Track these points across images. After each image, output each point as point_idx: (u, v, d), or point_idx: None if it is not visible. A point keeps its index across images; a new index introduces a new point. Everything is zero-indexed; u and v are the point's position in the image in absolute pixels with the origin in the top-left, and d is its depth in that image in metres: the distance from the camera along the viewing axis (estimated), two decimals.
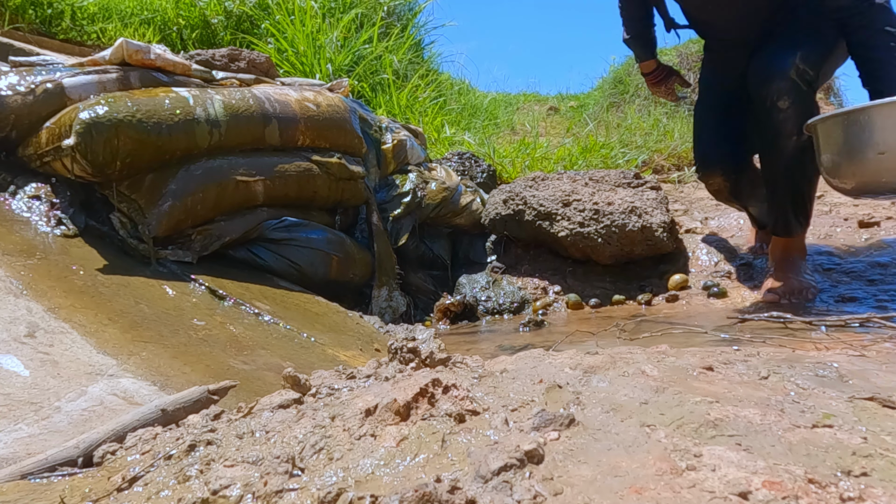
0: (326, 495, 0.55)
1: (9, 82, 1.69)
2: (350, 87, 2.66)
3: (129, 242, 1.66)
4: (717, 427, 0.60)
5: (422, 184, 2.44)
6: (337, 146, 2.11)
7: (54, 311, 1.21)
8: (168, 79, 1.89)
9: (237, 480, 0.60)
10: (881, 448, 0.54)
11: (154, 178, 1.69)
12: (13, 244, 1.43)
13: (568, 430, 0.62)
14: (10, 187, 1.66)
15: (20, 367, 1.01)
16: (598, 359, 0.87)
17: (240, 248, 1.87)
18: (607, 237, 2.16)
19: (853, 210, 2.49)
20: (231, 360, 1.27)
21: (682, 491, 0.49)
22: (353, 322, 1.75)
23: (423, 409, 0.69)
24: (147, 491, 0.64)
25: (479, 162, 2.99)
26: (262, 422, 0.75)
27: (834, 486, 0.48)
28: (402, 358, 0.92)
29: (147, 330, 1.27)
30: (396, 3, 4.86)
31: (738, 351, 0.94)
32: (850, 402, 0.66)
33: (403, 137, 2.52)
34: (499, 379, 0.79)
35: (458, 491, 0.51)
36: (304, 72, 3.73)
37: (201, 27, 3.96)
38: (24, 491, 0.69)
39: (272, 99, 1.94)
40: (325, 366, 1.27)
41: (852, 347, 1.05)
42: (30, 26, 3.31)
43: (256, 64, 2.29)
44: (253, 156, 1.89)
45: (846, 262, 2.02)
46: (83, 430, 0.86)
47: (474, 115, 4.92)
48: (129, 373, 1.08)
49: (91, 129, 1.54)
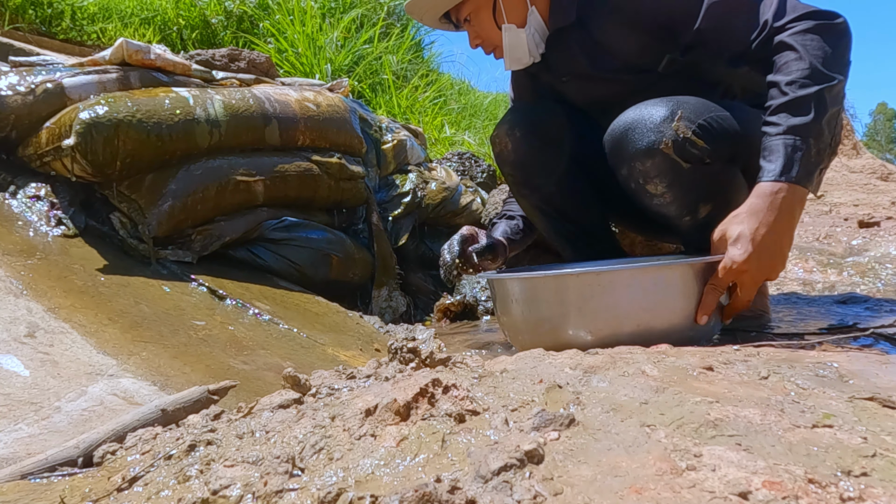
0: (326, 495, 0.55)
1: (9, 82, 1.69)
2: (350, 88, 2.66)
3: (129, 242, 1.66)
4: (717, 427, 0.60)
5: (422, 184, 2.44)
6: (337, 146, 2.11)
7: (54, 311, 1.21)
8: (168, 79, 1.89)
9: (237, 480, 0.60)
10: (881, 448, 0.54)
11: (154, 178, 1.69)
12: (13, 244, 1.43)
13: (568, 430, 0.62)
14: (10, 187, 1.66)
15: (20, 367, 1.01)
16: (598, 359, 0.87)
17: (240, 248, 1.87)
18: None
19: (853, 210, 2.49)
20: (231, 360, 1.27)
21: (682, 491, 0.49)
22: (353, 322, 1.75)
23: (423, 409, 0.69)
24: (147, 491, 0.64)
25: (479, 162, 2.99)
26: (262, 422, 0.75)
27: (834, 486, 0.48)
28: (402, 358, 0.92)
29: (147, 330, 1.27)
30: (396, 4, 4.86)
31: (738, 351, 0.94)
32: (850, 402, 0.66)
33: (403, 137, 2.52)
34: (499, 379, 0.79)
35: (458, 491, 0.51)
36: (304, 72, 3.73)
37: (201, 27, 3.96)
38: (24, 491, 0.69)
39: (272, 99, 1.94)
40: (325, 366, 1.27)
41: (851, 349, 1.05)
42: (30, 26, 3.31)
43: (256, 64, 2.29)
44: (253, 156, 1.89)
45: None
46: (83, 430, 0.86)
47: (474, 115, 4.92)
48: (130, 373, 1.08)
49: (91, 129, 1.55)
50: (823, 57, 1.11)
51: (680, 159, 1.21)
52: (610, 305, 1.08)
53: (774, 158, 1.09)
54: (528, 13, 1.40)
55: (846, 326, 1.33)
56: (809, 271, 2.05)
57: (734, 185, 1.30)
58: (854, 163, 3.27)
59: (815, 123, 1.08)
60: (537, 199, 1.63)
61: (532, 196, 1.63)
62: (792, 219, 1.08)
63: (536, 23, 1.41)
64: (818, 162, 1.08)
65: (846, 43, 1.15)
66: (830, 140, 1.11)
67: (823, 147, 1.09)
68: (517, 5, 1.40)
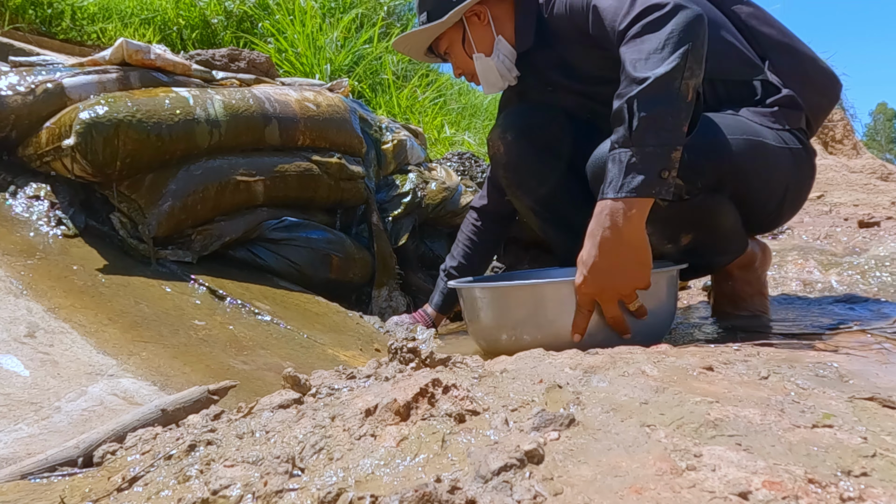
0: (326, 495, 0.55)
1: (9, 82, 1.69)
2: (350, 88, 2.66)
3: (129, 242, 1.66)
4: (717, 427, 0.60)
5: (422, 184, 2.44)
6: (337, 146, 2.11)
7: (54, 311, 1.21)
8: (168, 79, 1.88)
9: (237, 480, 0.60)
10: (881, 448, 0.54)
11: (154, 178, 1.69)
12: (13, 244, 1.43)
13: (568, 430, 0.62)
14: (10, 187, 1.66)
15: (20, 367, 1.01)
16: (598, 359, 0.87)
17: (240, 248, 1.87)
18: None
19: (853, 210, 2.50)
20: (231, 360, 1.27)
21: (682, 491, 0.49)
22: (353, 322, 1.75)
23: (423, 409, 0.69)
24: (147, 491, 0.64)
25: (479, 162, 2.99)
26: (262, 422, 0.75)
27: (834, 486, 0.48)
28: (402, 358, 0.92)
29: (147, 330, 1.27)
30: (396, 3, 4.86)
31: (738, 351, 0.94)
32: (850, 402, 0.66)
33: (403, 137, 2.52)
34: (499, 379, 0.79)
35: (458, 491, 0.51)
36: (304, 72, 3.73)
37: (201, 27, 3.96)
38: (24, 491, 0.69)
39: (272, 99, 1.94)
40: (325, 366, 1.27)
41: (852, 348, 1.05)
42: (30, 26, 3.31)
43: (256, 64, 2.29)
44: (253, 156, 1.89)
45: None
46: (83, 430, 0.86)
47: (474, 115, 4.92)
48: (130, 373, 1.08)
49: (91, 129, 1.54)
50: (636, 61, 1.12)
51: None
52: (530, 316, 1.24)
53: (605, 178, 1.12)
54: (496, 41, 1.50)
55: (846, 326, 1.33)
56: (809, 271, 2.05)
57: (718, 213, 1.30)
58: (854, 163, 3.27)
59: (630, 132, 1.08)
60: (531, 200, 1.65)
61: (525, 198, 1.65)
62: (620, 233, 1.09)
63: (505, 49, 1.50)
64: (650, 162, 1.07)
65: (670, 30, 1.10)
66: (665, 135, 1.07)
67: (654, 145, 1.07)
68: (484, 37, 1.51)
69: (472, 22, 1.50)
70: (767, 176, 1.32)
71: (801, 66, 1.42)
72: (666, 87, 1.07)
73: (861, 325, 1.32)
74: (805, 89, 1.39)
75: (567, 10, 1.37)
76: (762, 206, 1.38)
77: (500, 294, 1.30)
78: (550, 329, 1.21)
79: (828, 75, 1.45)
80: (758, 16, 1.46)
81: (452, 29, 1.52)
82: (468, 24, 1.50)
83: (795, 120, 1.38)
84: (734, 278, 1.49)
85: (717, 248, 1.39)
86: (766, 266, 1.53)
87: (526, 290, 1.26)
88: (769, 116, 1.35)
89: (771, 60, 1.42)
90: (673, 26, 1.11)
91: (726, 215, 1.32)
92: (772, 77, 1.39)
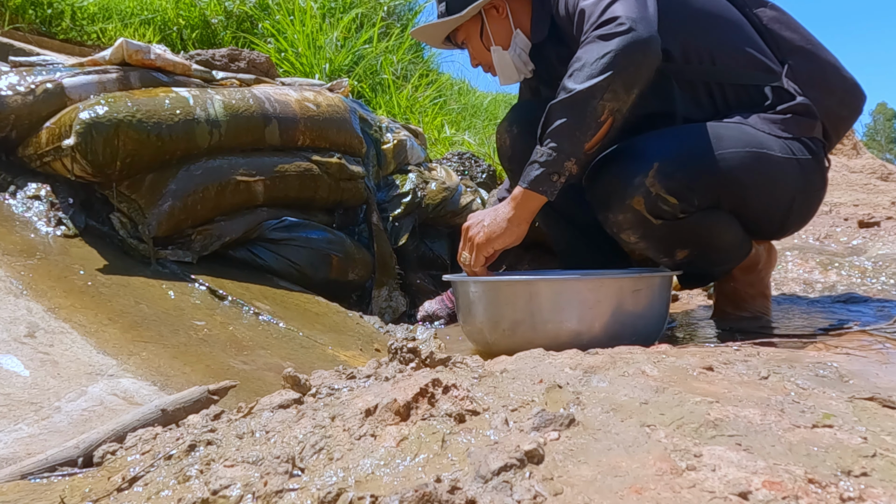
0: (326, 495, 0.55)
1: (9, 82, 1.69)
2: (350, 88, 2.66)
3: (129, 242, 1.66)
4: (717, 427, 0.60)
5: (422, 184, 2.44)
6: (337, 146, 2.11)
7: (54, 311, 1.21)
8: (168, 79, 1.88)
9: (237, 480, 0.60)
10: (881, 448, 0.54)
11: (154, 178, 1.69)
12: (13, 244, 1.43)
13: (568, 430, 0.62)
14: (10, 187, 1.66)
15: (20, 367, 1.01)
16: (598, 359, 0.87)
17: (240, 248, 1.87)
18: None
19: (853, 210, 2.50)
20: (231, 360, 1.27)
21: (682, 491, 0.49)
22: (353, 322, 1.75)
23: (423, 409, 0.69)
24: (147, 491, 0.64)
25: (479, 162, 2.99)
26: (262, 422, 0.75)
27: (834, 486, 0.48)
28: (402, 358, 0.92)
29: (147, 330, 1.27)
30: (396, 3, 4.86)
31: (738, 351, 0.95)
32: (850, 402, 0.66)
33: (403, 137, 2.52)
34: (499, 379, 0.79)
35: (458, 491, 0.51)
36: (304, 72, 3.73)
37: (201, 27, 3.96)
38: (24, 491, 0.69)
39: (272, 99, 1.94)
40: (325, 366, 1.27)
41: (853, 348, 1.05)
42: (30, 26, 3.31)
43: (256, 64, 2.29)
44: (253, 156, 1.89)
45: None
46: (83, 430, 0.86)
47: (474, 115, 4.92)
48: (129, 373, 1.08)
49: (91, 129, 1.54)
50: (574, 68, 1.21)
51: (650, 216, 1.24)
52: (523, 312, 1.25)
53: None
54: (514, 35, 1.52)
55: (846, 326, 1.33)
56: (809, 271, 2.05)
57: (715, 229, 1.31)
58: (854, 163, 3.27)
59: (543, 132, 1.22)
60: None
61: None
62: (508, 208, 1.26)
63: (522, 43, 1.53)
64: (545, 164, 1.20)
65: (610, 49, 1.16)
66: (565, 145, 1.19)
67: (554, 150, 1.19)
68: (501, 30, 1.53)
69: (491, 15, 1.52)
70: (770, 188, 1.31)
71: (822, 74, 1.38)
72: (582, 103, 1.17)
73: (861, 325, 1.32)
74: (824, 97, 1.36)
75: (565, 11, 1.39)
76: (766, 218, 1.37)
77: (492, 288, 1.31)
78: (544, 327, 1.22)
79: (850, 85, 1.41)
80: (780, 20, 1.44)
81: (471, 21, 1.53)
82: (487, 16, 1.52)
83: (808, 128, 1.34)
84: (736, 279, 1.48)
85: (715, 261, 1.40)
86: (770, 268, 1.53)
87: (520, 285, 1.28)
88: (779, 124, 1.32)
89: (790, 66, 1.38)
90: (615, 46, 1.16)
91: (725, 231, 1.32)
92: (788, 83, 1.36)
